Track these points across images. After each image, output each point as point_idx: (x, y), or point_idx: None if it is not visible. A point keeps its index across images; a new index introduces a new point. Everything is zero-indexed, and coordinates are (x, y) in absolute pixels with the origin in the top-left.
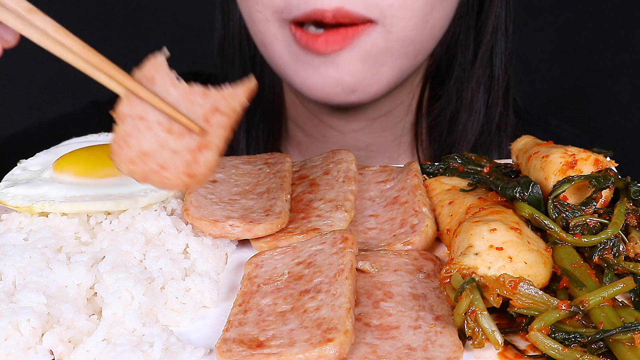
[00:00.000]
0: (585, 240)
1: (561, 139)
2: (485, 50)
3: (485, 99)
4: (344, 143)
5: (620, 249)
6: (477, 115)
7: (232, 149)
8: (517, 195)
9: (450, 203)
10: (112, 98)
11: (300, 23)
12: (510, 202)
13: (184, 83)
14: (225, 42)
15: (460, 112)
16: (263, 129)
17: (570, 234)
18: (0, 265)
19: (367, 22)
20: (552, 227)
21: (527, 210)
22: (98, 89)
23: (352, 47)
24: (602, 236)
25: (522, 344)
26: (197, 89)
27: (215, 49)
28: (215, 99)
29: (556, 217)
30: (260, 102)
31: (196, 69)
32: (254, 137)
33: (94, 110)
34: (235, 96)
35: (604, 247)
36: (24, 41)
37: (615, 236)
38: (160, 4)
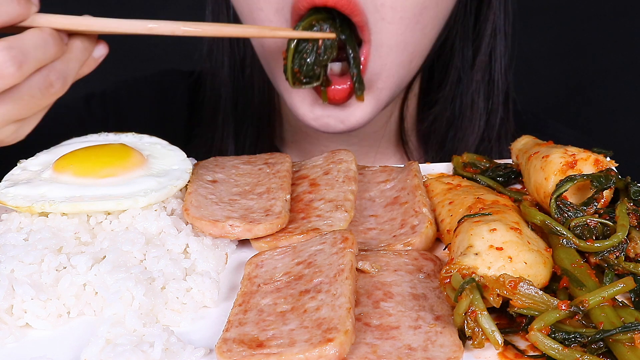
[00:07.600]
0: (598, 245)
1: (560, 142)
2: (484, 54)
3: (485, 105)
4: (338, 138)
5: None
6: (478, 122)
7: (220, 153)
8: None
9: (450, 203)
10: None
11: None
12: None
13: None
14: (214, 44)
15: (458, 119)
16: (252, 133)
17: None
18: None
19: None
20: (565, 233)
21: (539, 217)
22: (97, 88)
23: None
24: (614, 240)
25: (522, 344)
26: None
27: (204, 51)
28: None
29: (558, 216)
30: (249, 107)
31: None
32: (241, 143)
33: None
34: None
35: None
36: None
37: (626, 240)
38: (161, 3)
